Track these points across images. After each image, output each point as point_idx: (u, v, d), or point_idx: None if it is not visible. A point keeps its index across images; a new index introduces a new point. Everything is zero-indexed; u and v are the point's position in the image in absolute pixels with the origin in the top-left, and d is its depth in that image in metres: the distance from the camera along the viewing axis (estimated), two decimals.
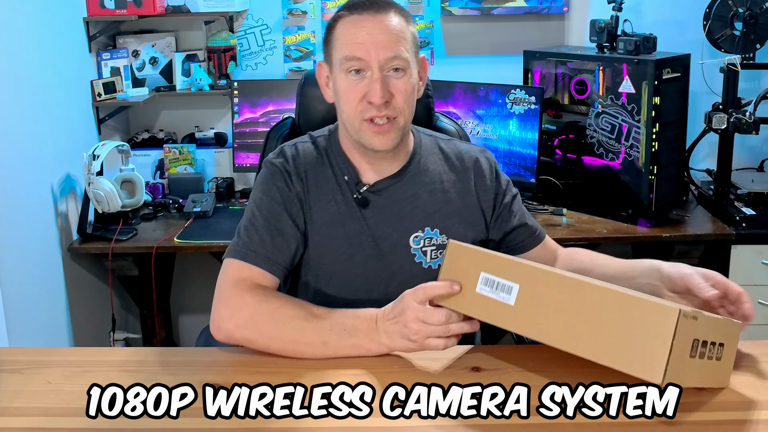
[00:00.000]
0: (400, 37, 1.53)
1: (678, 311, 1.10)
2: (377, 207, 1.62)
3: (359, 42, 1.51)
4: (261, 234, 1.55)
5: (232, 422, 1.23)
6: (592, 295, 1.19)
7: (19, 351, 1.56)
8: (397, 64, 1.52)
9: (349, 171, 1.63)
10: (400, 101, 1.54)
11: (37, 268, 2.67)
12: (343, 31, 1.54)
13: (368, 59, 1.51)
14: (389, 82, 1.53)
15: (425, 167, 1.68)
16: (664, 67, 2.76)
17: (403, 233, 1.63)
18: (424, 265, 1.63)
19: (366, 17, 1.52)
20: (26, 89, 2.64)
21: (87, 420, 1.24)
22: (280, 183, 1.60)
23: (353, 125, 1.57)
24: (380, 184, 1.63)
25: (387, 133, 1.55)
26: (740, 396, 1.29)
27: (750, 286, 2.89)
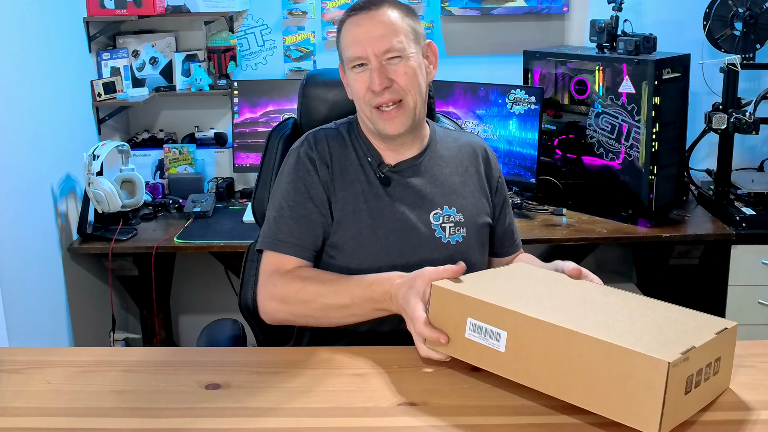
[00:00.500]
0: (393, 28, 1.65)
1: (667, 365, 1.08)
2: (399, 186, 1.73)
3: (358, 41, 1.65)
4: (289, 224, 1.68)
5: (232, 422, 1.23)
6: (580, 345, 1.16)
7: (18, 351, 1.56)
8: (393, 53, 1.64)
9: (372, 153, 1.74)
10: (402, 83, 1.65)
11: (37, 268, 2.67)
12: (346, 34, 1.69)
13: (366, 54, 1.64)
14: (388, 69, 1.65)
15: (441, 153, 1.80)
16: (664, 67, 2.76)
17: (424, 210, 1.73)
18: (443, 240, 1.73)
19: (362, 16, 1.67)
20: (26, 89, 2.64)
21: (87, 420, 1.24)
22: (303, 173, 1.70)
23: (366, 115, 1.69)
24: (401, 165, 1.74)
25: (396, 117, 1.67)
26: (740, 396, 1.29)
27: (750, 286, 2.89)
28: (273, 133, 2.00)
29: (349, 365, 1.40)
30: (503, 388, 1.29)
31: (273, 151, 1.96)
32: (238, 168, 3.29)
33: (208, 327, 2.00)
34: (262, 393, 1.31)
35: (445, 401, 1.27)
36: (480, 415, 1.23)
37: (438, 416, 1.23)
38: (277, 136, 1.98)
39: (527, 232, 2.83)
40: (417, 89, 1.67)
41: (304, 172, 1.70)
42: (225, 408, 1.26)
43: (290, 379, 1.36)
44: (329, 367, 1.39)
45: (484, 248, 1.81)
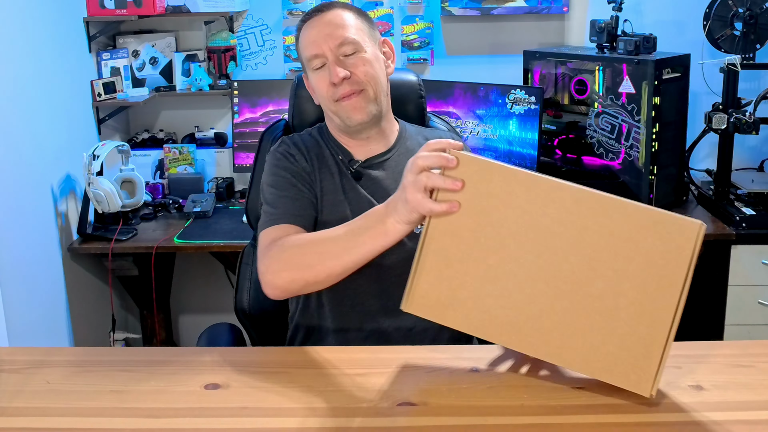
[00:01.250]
0: (344, 24, 1.71)
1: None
2: (369, 180, 1.75)
3: (312, 40, 1.71)
4: (284, 201, 1.67)
5: (231, 422, 1.23)
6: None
7: (18, 351, 1.56)
8: (347, 47, 1.69)
9: (342, 151, 1.78)
10: (360, 74, 1.69)
11: (37, 268, 2.67)
12: (302, 38, 1.75)
13: (321, 50, 1.69)
14: (346, 63, 1.69)
15: (411, 149, 1.80)
16: (664, 67, 2.76)
17: None
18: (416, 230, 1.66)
19: (315, 19, 1.73)
20: (26, 89, 2.64)
21: (86, 420, 1.24)
22: (286, 163, 1.73)
23: (331, 110, 1.73)
24: (370, 161, 1.78)
25: (360, 105, 1.69)
26: (740, 396, 1.29)
27: (750, 286, 2.89)
28: (265, 134, 2.01)
29: (349, 365, 1.40)
30: (503, 388, 1.29)
31: (266, 153, 1.96)
32: (238, 168, 3.29)
33: (209, 328, 2.00)
34: (261, 393, 1.31)
35: (445, 401, 1.27)
36: (480, 415, 1.22)
37: (438, 416, 1.23)
38: (269, 138, 1.99)
39: None
40: (376, 81, 1.70)
41: (287, 163, 1.73)
42: (224, 408, 1.26)
43: (290, 379, 1.35)
44: (329, 367, 1.39)
45: None
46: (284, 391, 1.31)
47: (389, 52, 1.80)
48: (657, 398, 1.28)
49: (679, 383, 1.32)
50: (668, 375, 1.34)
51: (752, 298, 2.90)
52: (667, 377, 1.34)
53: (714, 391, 1.30)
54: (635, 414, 1.24)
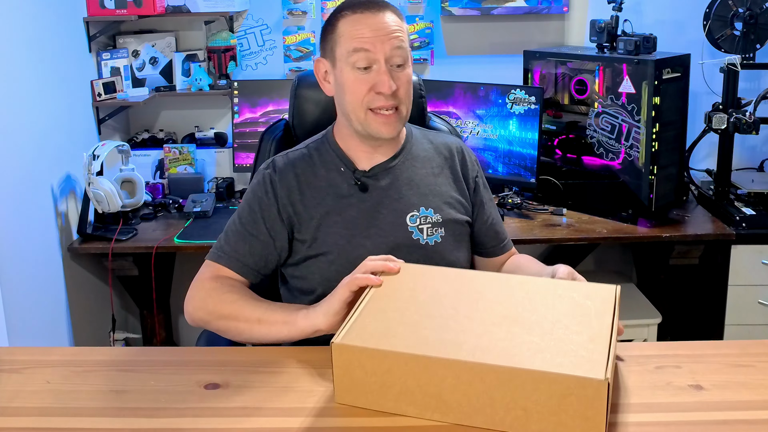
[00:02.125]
0: (399, 32, 1.64)
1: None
2: (376, 190, 1.72)
3: (365, 36, 1.60)
4: (235, 239, 1.68)
5: (231, 422, 1.23)
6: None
7: (18, 351, 1.56)
8: (400, 55, 1.62)
9: (345, 162, 1.73)
10: (403, 92, 1.65)
11: (37, 268, 2.67)
12: (347, 28, 1.63)
13: (374, 51, 1.60)
14: (393, 74, 1.62)
15: (416, 154, 1.79)
16: (664, 67, 2.75)
17: (400, 213, 1.72)
18: (422, 242, 1.71)
19: (368, 15, 1.62)
20: (26, 89, 2.64)
21: (86, 420, 1.24)
22: (262, 194, 1.70)
23: (358, 116, 1.65)
24: (375, 170, 1.73)
25: (393, 122, 1.65)
26: (739, 396, 1.29)
27: (750, 286, 2.89)
28: (265, 134, 2.01)
29: None
30: None
31: (266, 153, 1.97)
32: (238, 168, 3.29)
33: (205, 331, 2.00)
34: (261, 392, 1.31)
35: None
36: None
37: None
38: (269, 138, 1.99)
39: (527, 232, 2.83)
40: (411, 99, 1.69)
41: (262, 194, 1.69)
42: (224, 407, 1.27)
43: (289, 379, 1.36)
44: (329, 367, 1.38)
45: (464, 246, 1.78)
46: (284, 391, 1.32)
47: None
48: (656, 398, 1.28)
49: (679, 383, 1.33)
50: (668, 374, 1.35)
51: (752, 298, 2.90)
52: (667, 377, 1.34)
53: (713, 391, 1.30)
54: (634, 414, 1.24)
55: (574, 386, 1.13)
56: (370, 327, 1.28)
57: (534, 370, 1.15)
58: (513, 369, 1.15)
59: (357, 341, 1.24)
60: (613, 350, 1.19)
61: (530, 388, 1.15)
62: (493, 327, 1.26)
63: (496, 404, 1.17)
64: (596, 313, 1.30)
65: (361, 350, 1.23)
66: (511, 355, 1.18)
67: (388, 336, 1.25)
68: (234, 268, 1.67)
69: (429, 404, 1.21)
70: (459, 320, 1.29)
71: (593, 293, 1.36)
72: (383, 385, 1.22)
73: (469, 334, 1.24)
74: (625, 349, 1.44)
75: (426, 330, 1.26)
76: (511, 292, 1.38)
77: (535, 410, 1.15)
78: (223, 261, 1.67)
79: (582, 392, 1.12)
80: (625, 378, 1.34)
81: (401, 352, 1.21)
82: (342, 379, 1.25)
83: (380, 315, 1.31)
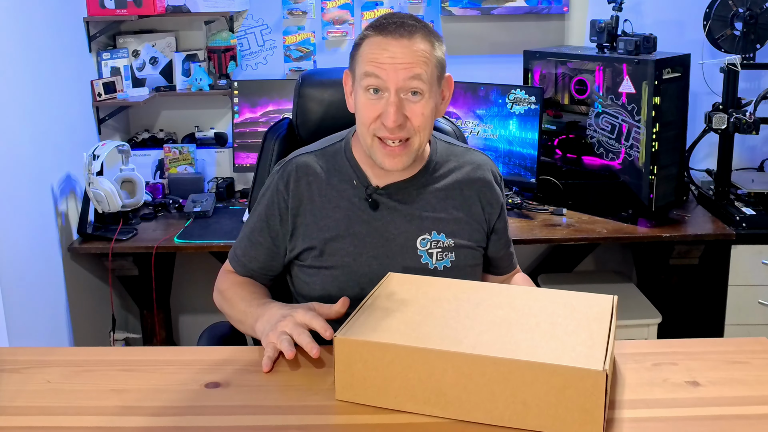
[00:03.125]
0: (421, 61, 1.55)
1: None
2: (387, 209, 1.67)
3: (380, 62, 1.54)
4: (244, 244, 1.76)
5: (232, 420, 1.23)
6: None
7: (19, 351, 1.56)
8: (416, 87, 1.54)
9: (358, 175, 1.68)
10: (416, 124, 1.57)
11: (37, 268, 2.67)
12: (367, 50, 1.57)
13: (386, 79, 1.53)
14: (405, 105, 1.55)
15: (438, 175, 1.72)
16: (664, 67, 2.76)
17: (411, 235, 1.67)
18: (430, 266, 1.68)
19: (390, 41, 1.54)
20: (26, 89, 2.64)
21: (87, 419, 1.24)
22: (271, 201, 1.71)
23: (366, 141, 1.61)
24: (390, 188, 1.68)
25: (398, 156, 1.59)
26: (737, 392, 1.30)
27: (750, 286, 2.89)
28: (269, 133, 2.00)
29: None
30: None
31: (269, 152, 1.97)
32: (238, 168, 3.29)
33: (209, 327, 2.00)
34: (262, 391, 1.31)
35: None
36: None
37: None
38: (272, 137, 1.99)
39: (527, 232, 2.83)
40: (427, 131, 1.60)
41: (271, 202, 1.70)
42: (225, 406, 1.27)
43: (290, 378, 1.36)
44: (330, 365, 1.39)
45: (475, 271, 1.75)
46: (284, 389, 1.32)
47: (447, 92, 1.66)
48: (654, 394, 1.29)
49: (676, 379, 1.34)
50: (665, 371, 1.36)
51: (752, 298, 2.91)
52: (664, 374, 1.36)
53: (710, 387, 1.31)
54: (632, 410, 1.25)
55: (573, 378, 1.14)
56: (371, 323, 1.29)
57: (534, 362, 1.16)
58: (513, 361, 1.16)
59: (359, 335, 1.25)
60: (611, 347, 1.20)
61: (530, 381, 1.16)
62: (493, 326, 1.28)
63: (496, 398, 1.18)
64: (595, 317, 1.31)
65: (363, 344, 1.23)
66: (511, 349, 1.19)
67: (390, 331, 1.26)
68: (241, 272, 1.76)
69: (429, 399, 1.21)
70: (460, 320, 1.30)
71: (592, 302, 1.38)
72: (384, 379, 1.23)
73: (470, 331, 1.26)
74: (622, 346, 1.45)
75: (427, 327, 1.27)
76: (512, 299, 1.40)
77: (535, 404, 1.16)
78: (233, 264, 1.78)
79: (581, 384, 1.14)
80: (623, 375, 1.35)
81: (403, 345, 1.22)
82: (343, 375, 1.25)
83: (382, 314, 1.32)
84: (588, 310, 1.34)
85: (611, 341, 1.23)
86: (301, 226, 1.68)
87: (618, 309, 1.37)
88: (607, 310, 1.34)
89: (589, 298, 1.39)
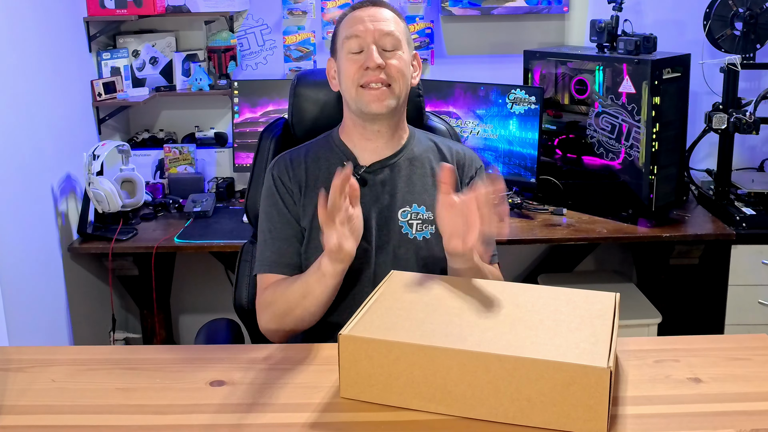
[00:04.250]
0: (391, 21, 1.77)
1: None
2: (373, 184, 1.79)
3: (357, 24, 1.74)
4: (272, 247, 1.77)
5: (237, 418, 1.23)
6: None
7: (23, 350, 1.56)
8: (390, 40, 1.74)
9: (347, 155, 1.81)
10: (394, 70, 1.73)
11: (37, 268, 2.67)
12: (345, 24, 1.78)
13: (365, 35, 1.73)
14: (383, 54, 1.73)
15: (417, 155, 1.84)
16: (664, 67, 2.76)
17: (393, 208, 1.79)
18: (410, 236, 1.77)
19: (363, 10, 1.77)
20: (26, 89, 2.64)
21: (92, 417, 1.24)
22: (281, 193, 1.79)
23: (351, 93, 1.74)
24: (376, 165, 1.80)
25: (382, 98, 1.72)
26: (737, 389, 1.31)
27: (750, 286, 2.90)
28: (265, 132, 2.02)
29: None
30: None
31: (265, 151, 1.98)
32: (238, 168, 3.29)
33: (206, 324, 2.01)
34: (266, 389, 1.31)
35: None
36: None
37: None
38: (268, 136, 2.00)
39: (527, 232, 2.83)
40: (404, 80, 1.75)
41: (281, 193, 1.79)
42: (230, 404, 1.27)
43: (295, 376, 1.36)
44: (334, 363, 1.38)
45: None
46: (289, 387, 1.32)
47: (417, 66, 1.85)
48: (656, 391, 1.30)
49: (678, 376, 1.35)
50: (667, 368, 1.37)
51: (752, 298, 2.91)
52: (666, 370, 1.36)
53: (712, 384, 1.32)
54: (635, 406, 1.25)
55: (577, 375, 1.14)
56: (376, 322, 1.29)
57: (538, 359, 1.16)
58: (517, 358, 1.17)
59: (364, 333, 1.25)
60: (614, 344, 1.21)
61: (534, 377, 1.16)
62: (497, 324, 1.28)
63: (500, 394, 1.18)
64: (597, 314, 1.32)
65: (368, 341, 1.24)
66: (515, 346, 1.20)
67: (395, 329, 1.26)
68: (281, 272, 1.75)
69: (434, 396, 1.22)
70: (464, 318, 1.31)
71: (594, 299, 1.39)
72: (389, 376, 1.23)
73: (474, 329, 1.26)
74: (624, 343, 1.46)
75: (432, 325, 1.28)
76: (515, 296, 1.41)
77: (539, 400, 1.17)
78: (271, 270, 1.76)
79: (585, 380, 1.14)
80: (625, 372, 1.36)
81: (408, 342, 1.22)
82: (348, 372, 1.26)
83: (387, 312, 1.33)
84: (591, 307, 1.35)
85: (614, 338, 1.23)
86: (304, 206, 1.78)
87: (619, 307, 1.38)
88: (609, 307, 1.35)
89: (592, 296, 1.40)
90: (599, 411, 1.15)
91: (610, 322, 1.29)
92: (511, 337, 1.23)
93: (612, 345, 1.20)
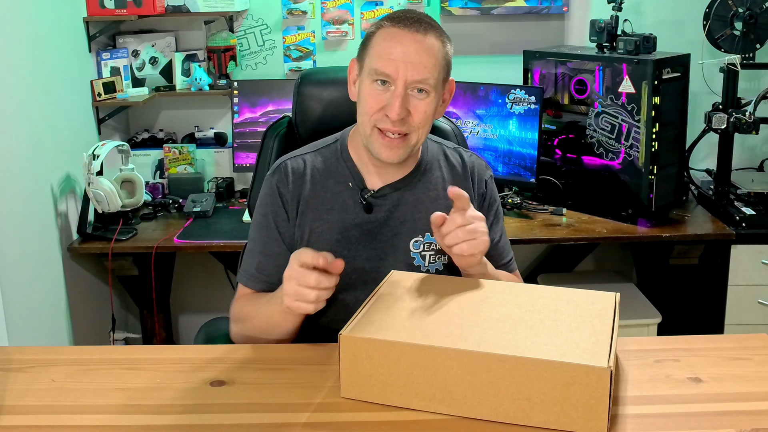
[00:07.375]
0: (432, 61, 1.56)
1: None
2: (381, 212, 1.68)
3: (392, 58, 1.54)
4: (258, 259, 1.68)
5: (237, 418, 1.23)
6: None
7: (24, 350, 1.56)
8: (423, 85, 1.56)
9: (354, 177, 1.68)
10: (417, 120, 1.58)
11: (37, 268, 2.67)
12: (380, 42, 1.57)
13: (396, 73, 1.54)
14: (410, 101, 1.56)
15: (429, 176, 1.73)
16: (664, 67, 2.76)
17: (404, 237, 1.68)
18: (422, 269, 1.68)
19: (406, 33, 1.55)
20: (26, 89, 2.64)
21: (92, 417, 1.24)
22: (275, 207, 1.68)
23: (365, 131, 1.61)
24: (384, 190, 1.68)
25: (396, 148, 1.59)
26: (737, 388, 1.31)
27: (750, 286, 2.90)
28: (268, 131, 2.00)
29: None
30: None
31: (268, 150, 1.97)
32: (238, 168, 3.29)
33: (206, 323, 2.00)
34: (266, 389, 1.32)
35: None
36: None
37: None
38: (272, 135, 1.99)
39: (527, 232, 2.83)
40: (425, 130, 1.62)
41: (275, 207, 1.67)
42: (230, 404, 1.27)
43: (295, 376, 1.36)
44: (333, 363, 1.39)
45: None
46: (289, 387, 1.32)
47: (448, 95, 1.70)
48: (656, 390, 1.30)
49: (678, 375, 1.35)
50: (667, 368, 1.37)
51: (752, 298, 2.91)
52: (666, 370, 1.37)
53: (712, 383, 1.32)
54: (635, 406, 1.25)
55: (577, 374, 1.15)
56: (377, 321, 1.29)
57: (539, 359, 1.17)
58: (518, 358, 1.17)
59: (364, 333, 1.25)
60: (614, 344, 1.21)
61: (535, 377, 1.16)
62: (497, 323, 1.28)
63: (501, 394, 1.18)
64: (597, 314, 1.32)
65: (369, 341, 1.24)
66: (516, 346, 1.20)
67: (395, 329, 1.26)
68: (262, 288, 1.66)
69: (434, 396, 1.22)
70: (464, 317, 1.31)
71: (594, 299, 1.39)
72: (389, 376, 1.23)
73: (475, 328, 1.26)
74: (624, 343, 1.46)
75: (432, 324, 1.28)
76: (515, 296, 1.41)
77: (539, 400, 1.17)
78: (251, 284, 1.68)
79: (585, 380, 1.14)
80: (626, 371, 1.36)
81: (408, 342, 1.22)
82: (348, 372, 1.26)
83: (387, 312, 1.33)
84: (591, 307, 1.35)
85: (614, 338, 1.23)
86: (297, 225, 1.68)
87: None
88: (609, 307, 1.35)
89: (592, 296, 1.40)
90: (599, 411, 1.15)
91: (610, 322, 1.29)
92: (512, 337, 1.23)
93: (612, 345, 1.20)
